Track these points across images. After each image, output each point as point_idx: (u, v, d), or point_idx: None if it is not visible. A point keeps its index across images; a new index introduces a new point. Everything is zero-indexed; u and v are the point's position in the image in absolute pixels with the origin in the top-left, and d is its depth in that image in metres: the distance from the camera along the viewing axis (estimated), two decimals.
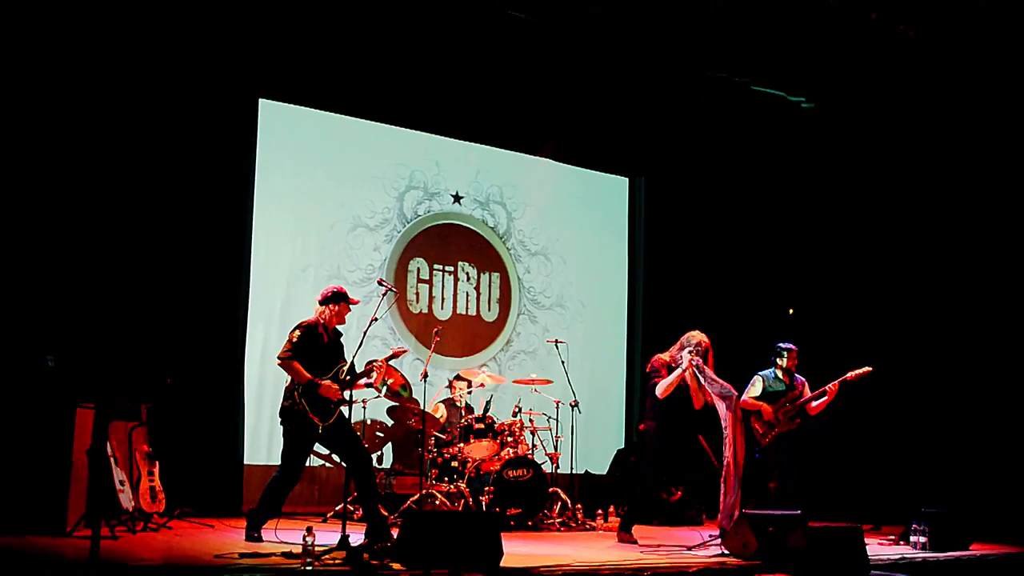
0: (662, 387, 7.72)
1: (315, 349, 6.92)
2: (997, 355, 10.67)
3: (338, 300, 7.08)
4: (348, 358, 7.02)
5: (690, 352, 7.62)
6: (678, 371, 7.66)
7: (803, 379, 8.78)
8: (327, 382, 6.87)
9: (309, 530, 5.93)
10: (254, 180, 9.80)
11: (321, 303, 7.08)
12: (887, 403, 11.08)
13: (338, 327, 7.20)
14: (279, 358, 6.92)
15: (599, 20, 9.80)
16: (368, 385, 7.30)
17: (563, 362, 9.69)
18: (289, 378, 6.94)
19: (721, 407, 7.44)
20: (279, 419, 7.07)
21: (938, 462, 10.63)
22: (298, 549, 5.95)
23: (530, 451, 9.14)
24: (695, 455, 9.33)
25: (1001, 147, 10.67)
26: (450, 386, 9.76)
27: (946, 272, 11.20)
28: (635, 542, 7.67)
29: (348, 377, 6.98)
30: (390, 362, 7.39)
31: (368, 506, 6.96)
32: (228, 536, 7.21)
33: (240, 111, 9.75)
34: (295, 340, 6.91)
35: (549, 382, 9.69)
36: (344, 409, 6.92)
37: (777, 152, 12.10)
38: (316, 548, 5.84)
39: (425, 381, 8.79)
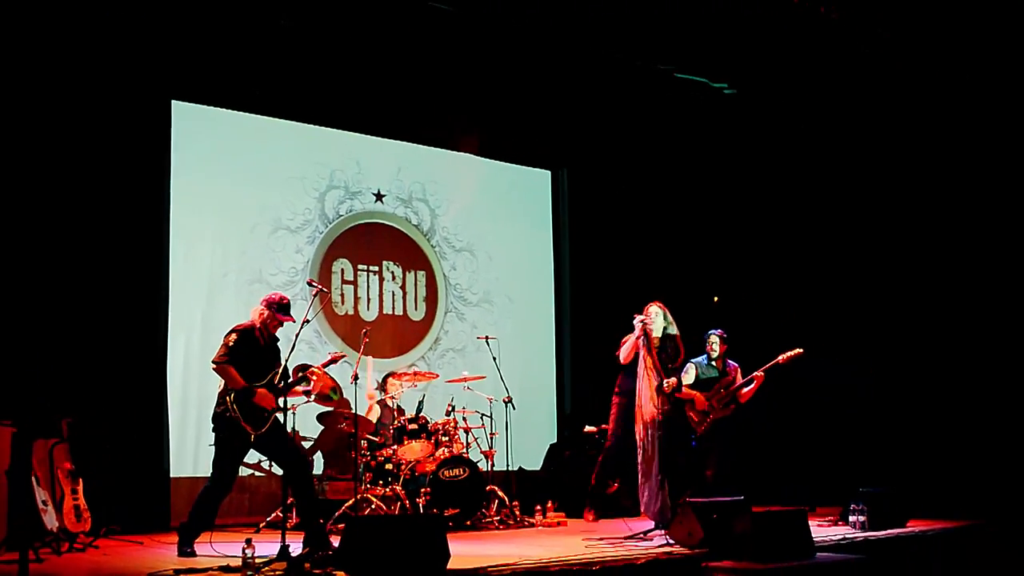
0: (624, 351, 7.66)
1: (251, 354, 6.71)
2: (925, 330, 10.80)
3: (284, 311, 6.86)
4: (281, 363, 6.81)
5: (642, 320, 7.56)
6: (633, 335, 7.59)
7: (735, 364, 8.85)
8: (262, 390, 6.66)
9: (248, 542, 5.75)
10: (170, 184, 9.53)
11: (266, 307, 6.81)
12: (818, 385, 11.17)
13: (275, 333, 6.97)
14: (214, 362, 6.69)
15: (519, 10, 9.71)
16: (305, 392, 7.11)
17: (494, 358, 9.61)
18: (222, 383, 6.70)
19: (651, 398, 7.40)
20: (211, 425, 6.81)
21: (872, 442, 10.74)
22: (236, 562, 5.77)
23: (465, 450, 9.05)
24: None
25: (930, 126, 10.81)
26: (382, 387, 9.57)
27: (869, 251, 11.33)
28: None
29: (282, 384, 6.75)
30: (326, 368, 7.20)
31: (306, 514, 6.77)
32: (159, 552, 6.97)
33: (152, 113, 9.46)
34: (231, 344, 6.69)
35: (482, 377, 9.59)
36: (280, 415, 6.71)
37: (701, 140, 12.14)
38: (256, 559, 5.64)
39: (355, 384, 8.60)
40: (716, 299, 11.96)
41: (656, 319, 7.87)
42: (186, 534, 6.70)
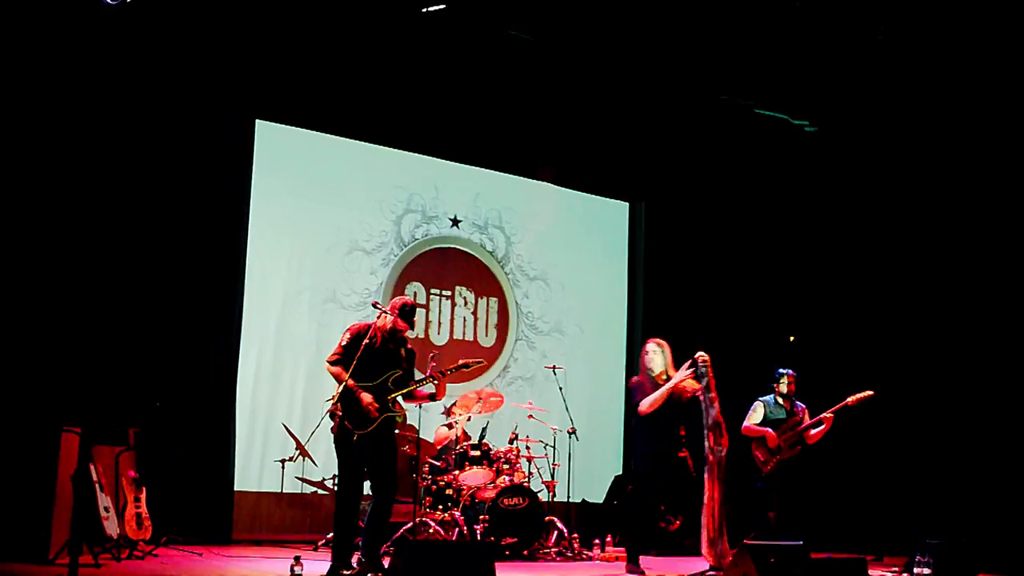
0: (646, 403, 7.54)
1: (364, 354, 6.51)
2: (999, 380, 10.49)
3: (405, 316, 6.75)
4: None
5: (695, 368, 7.43)
6: (669, 384, 7.47)
7: (803, 405, 8.68)
8: (365, 393, 6.52)
9: (297, 559, 5.78)
10: (250, 202, 9.67)
11: (391, 309, 6.72)
12: (890, 430, 10.92)
13: (403, 336, 6.85)
14: (327, 361, 6.65)
15: (601, 41, 9.69)
16: (431, 396, 6.95)
17: (560, 388, 9.54)
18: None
19: (711, 438, 7.28)
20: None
21: (943, 491, 10.44)
22: None
23: (526, 479, 8.99)
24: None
25: (1005, 169, 10.55)
26: (448, 412, 9.57)
27: (949, 296, 11.06)
28: (643, 573, 7.48)
29: (394, 386, 6.63)
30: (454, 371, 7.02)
31: (373, 534, 6.64)
32: (216, 564, 7.04)
33: (237, 132, 9.62)
34: (344, 343, 6.63)
35: (545, 411, 9.51)
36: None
37: (779, 176, 11.97)
38: None
39: (421, 408, 8.61)
40: (792, 338, 11.78)
41: (655, 356, 7.76)
42: (336, 551, 6.51)
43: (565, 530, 8.95)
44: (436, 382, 6.82)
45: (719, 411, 7.29)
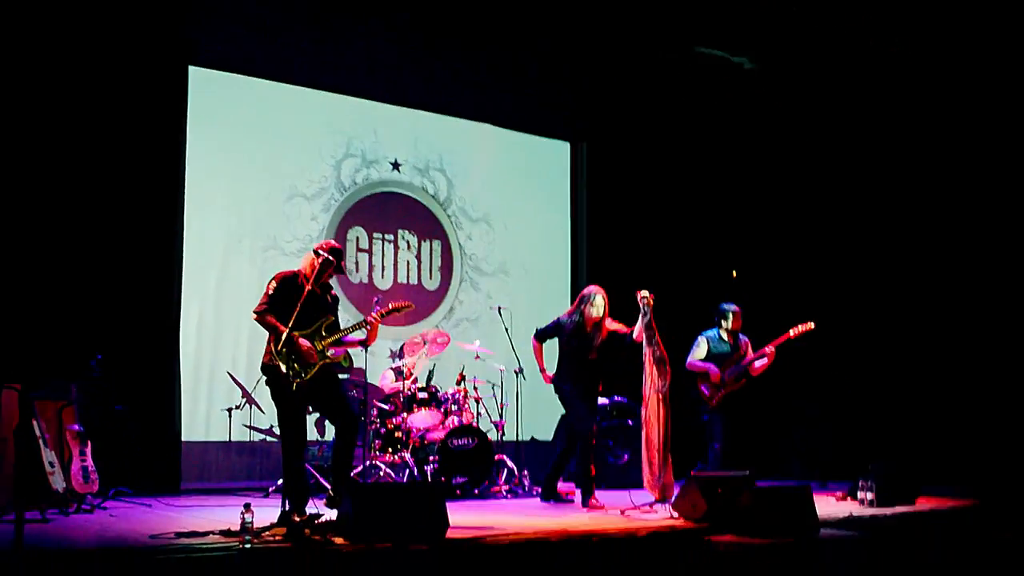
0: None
1: (294, 301, 6.37)
2: (938, 306, 10.68)
3: (334, 259, 6.59)
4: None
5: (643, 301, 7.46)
6: (641, 321, 7.48)
7: (746, 339, 8.75)
8: (306, 342, 6.41)
9: (247, 506, 5.72)
10: (185, 150, 9.49)
11: (315, 253, 6.56)
12: (832, 360, 11.07)
13: (329, 282, 6.73)
14: (254, 312, 6.49)
15: None
16: (361, 343, 6.86)
17: (506, 329, 9.52)
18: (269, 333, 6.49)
19: (653, 372, 7.30)
20: (263, 378, 6.56)
21: (885, 417, 10.64)
22: (236, 526, 5.71)
23: (475, 419, 9.02)
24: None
25: (942, 106, 10.64)
26: (398, 355, 9.59)
27: (885, 228, 11.18)
28: (603, 507, 7.54)
29: (326, 333, 6.53)
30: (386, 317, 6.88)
31: (340, 473, 6.61)
32: (166, 515, 6.96)
33: (169, 79, 9.40)
34: (270, 292, 6.47)
35: (491, 353, 9.53)
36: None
37: (721, 114, 11.96)
38: (255, 525, 5.62)
39: (366, 351, 8.55)
40: (735, 273, 11.86)
41: (599, 307, 7.85)
42: (286, 497, 6.39)
43: (515, 468, 9.00)
44: (368, 327, 6.75)
45: (662, 346, 7.32)
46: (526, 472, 9.15)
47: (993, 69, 10.01)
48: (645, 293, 7.44)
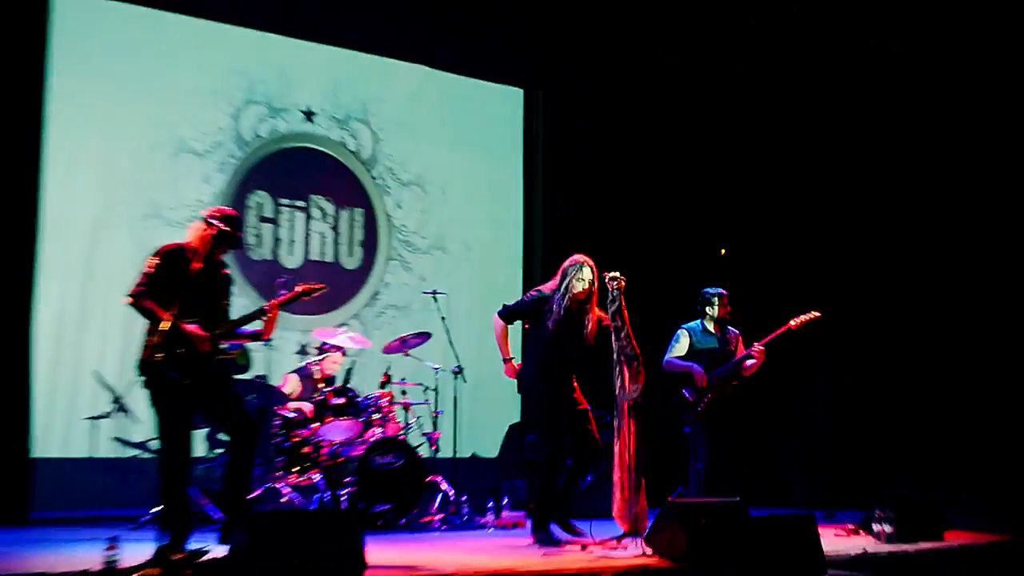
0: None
1: (180, 282, 6.27)
2: (972, 294, 10.69)
3: (230, 231, 6.44)
4: None
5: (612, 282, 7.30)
6: (609, 309, 7.33)
7: (737, 332, 8.74)
8: (193, 328, 6.29)
9: (112, 540, 5.57)
10: (47, 93, 9.36)
11: (207, 223, 6.41)
12: (842, 361, 11.06)
13: (223, 259, 6.59)
14: (128, 295, 6.29)
15: None
16: (254, 336, 6.72)
17: (443, 318, 9.41)
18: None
19: (624, 374, 7.20)
20: (139, 378, 6.38)
21: (906, 436, 10.62)
22: (97, 566, 5.56)
23: (402, 431, 8.96)
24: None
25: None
26: (304, 351, 9.61)
27: (915, 202, 11.16)
28: (558, 543, 7.37)
29: (218, 322, 6.44)
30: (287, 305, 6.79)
31: (233, 498, 6.49)
32: (6, 553, 6.74)
33: (26, 2, 9.25)
34: (150, 271, 6.31)
35: (426, 337, 9.37)
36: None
37: (711, 56, 11.86)
38: (122, 564, 5.51)
39: (268, 345, 8.41)
40: (724, 251, 11.80)
41: (584, 279, 7.61)
42: (163, 529, 6.28)
43: (452, 492, 8.90)
44: (266, 317, 6.58)
45: (634, 341, 7.22)
46: (465, 497, 9.06)
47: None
48: (616, 275, 7.31)
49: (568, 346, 7.53)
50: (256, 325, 6.66)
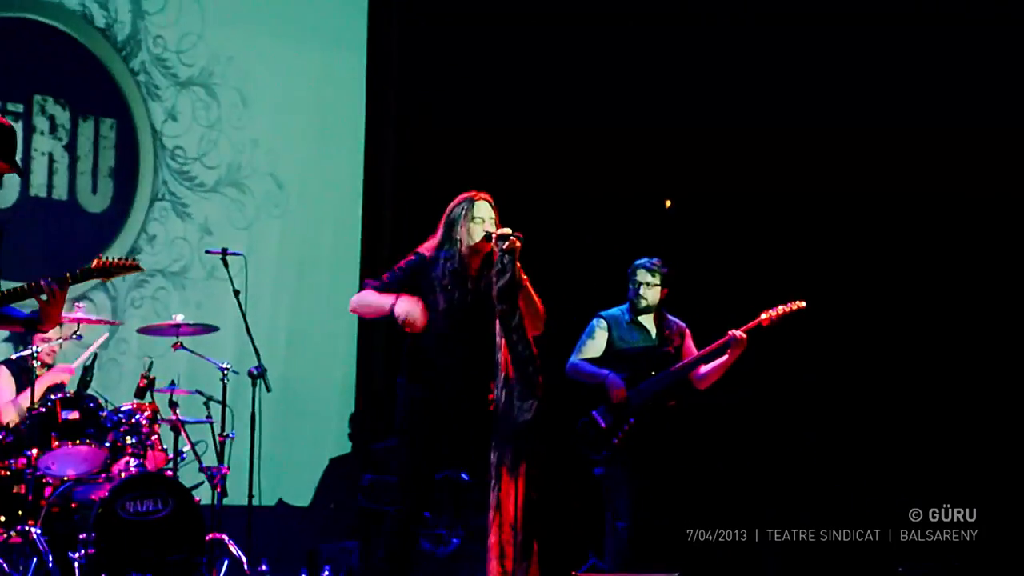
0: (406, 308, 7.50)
1: None
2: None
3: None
4: None
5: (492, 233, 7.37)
6: (496, 282, 7.39)
7: (681, 324, 8.83)
8: None
9: None
10: None
11: None
12: (831, 369, 11.34)
13: None
14: None
15: None
16: (28, 324, 6.72)
17: (236, 292, 9.42)
18: None
19: (511, 387, 7.32)
20: None
21: (920, 477, 10.97)
22: None
23: (170, 463, 9.05)
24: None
25: None
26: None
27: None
28: None
29: None
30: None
31: None
32: None
33: None
34: None
35: (213, 329, 9.48)
36: None
37: None
38: None
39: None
40: (668, 203, 12.01)
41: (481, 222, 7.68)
42: None
43: (244, 558, 8.96)
44: (47, 298, 6.61)
45: (530, 336, 7.31)
46: (265, 567, 9.13)
47: None
48: (505, 231, 7.34)
49: (470, 331, 7.58)
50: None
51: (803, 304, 8.62)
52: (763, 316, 8.57)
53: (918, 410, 11.24)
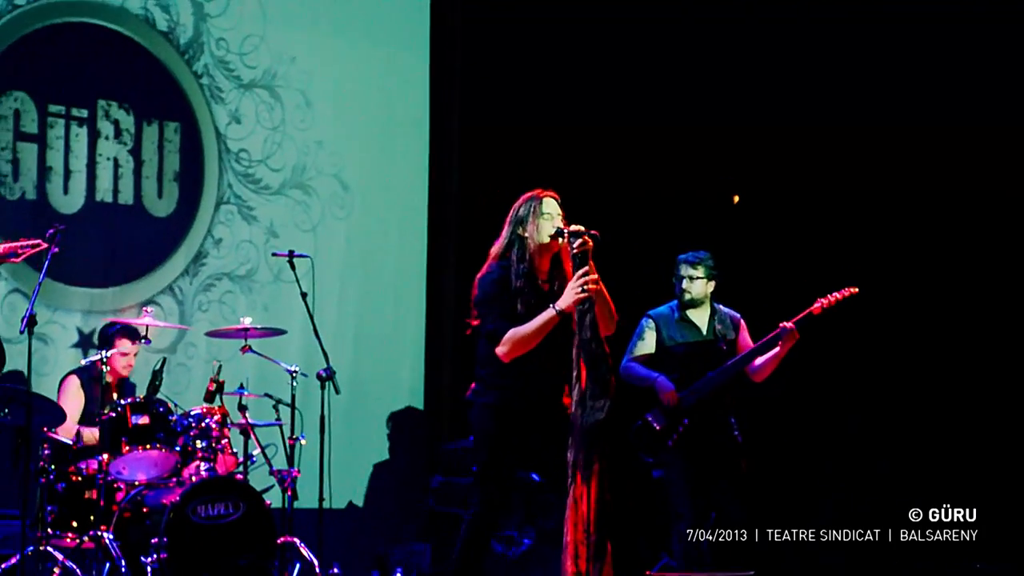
0: (514, 337, 7.44)
1: None
2: None
3: None
4: None
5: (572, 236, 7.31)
6: (573, 285, 7.33)
7: (736, 315, 8.79)
8: None
9: None
10: None
11: None
12: (894, 360, 11.32)
13: None
14: None
15: None
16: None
17: (304, 295, 9.47)
18: None
19: (584, 388, 7.28)
20: None
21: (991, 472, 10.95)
22: None
23: (240, 467, 9.08)
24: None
25: None
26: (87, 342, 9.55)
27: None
28: None
29: None
30: None
31: None
32: None
33: None
34: None
35: (280, 332, 9.51)
36: None
37: None
38: None
39: (30, 335, 8.42)
40: (737, 198, 12.00)
41: (550, 218, 7.60)
42: None
43: (315, 561, 8.99)
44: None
45: (604, 337, 7.27)
46: (337, 570, 9.15)
47: None
48: (579, 228, 7.29)
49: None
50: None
51: (855, 290, 8.58)
52: (817, 303, 8.55)
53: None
